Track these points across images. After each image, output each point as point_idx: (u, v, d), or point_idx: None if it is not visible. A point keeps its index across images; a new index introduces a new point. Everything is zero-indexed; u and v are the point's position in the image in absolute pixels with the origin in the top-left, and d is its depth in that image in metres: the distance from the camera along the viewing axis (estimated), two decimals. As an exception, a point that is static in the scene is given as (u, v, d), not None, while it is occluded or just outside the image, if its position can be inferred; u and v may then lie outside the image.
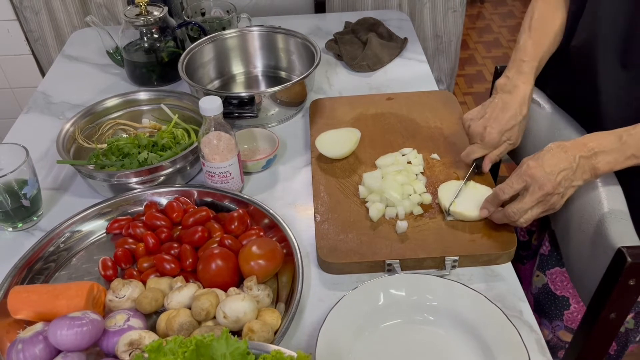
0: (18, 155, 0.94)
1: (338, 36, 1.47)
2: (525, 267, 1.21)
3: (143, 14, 1.28)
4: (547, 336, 1.06)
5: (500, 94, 0.95)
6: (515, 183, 0.83)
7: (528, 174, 0.81)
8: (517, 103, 0.93)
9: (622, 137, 0.78)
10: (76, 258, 0.92)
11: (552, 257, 1.02)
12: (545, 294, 1.04)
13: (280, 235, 0.89)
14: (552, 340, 1.06)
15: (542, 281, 1.05)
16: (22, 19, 1.90)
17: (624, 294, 0.77)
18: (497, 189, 0.87)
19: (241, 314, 0.74)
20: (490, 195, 0.89)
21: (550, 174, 0.79)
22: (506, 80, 0.96)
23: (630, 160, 0.78)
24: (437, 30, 1.98)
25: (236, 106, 1.10)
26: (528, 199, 0.82)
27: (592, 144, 0.79)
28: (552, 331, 1.05)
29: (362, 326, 0.78)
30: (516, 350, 0.72)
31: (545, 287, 1.04)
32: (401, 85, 1.33)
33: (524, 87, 0.93)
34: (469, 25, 3.51)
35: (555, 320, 1.03)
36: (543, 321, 1.06)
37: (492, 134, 0.93)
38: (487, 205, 0.89)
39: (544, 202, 0.82)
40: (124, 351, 0.70)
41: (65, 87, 1.38)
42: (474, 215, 0.90)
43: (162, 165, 0.99)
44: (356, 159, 1.06)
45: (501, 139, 0.95)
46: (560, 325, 1.03)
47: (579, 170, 0.80)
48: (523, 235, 1.20)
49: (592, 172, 0.80)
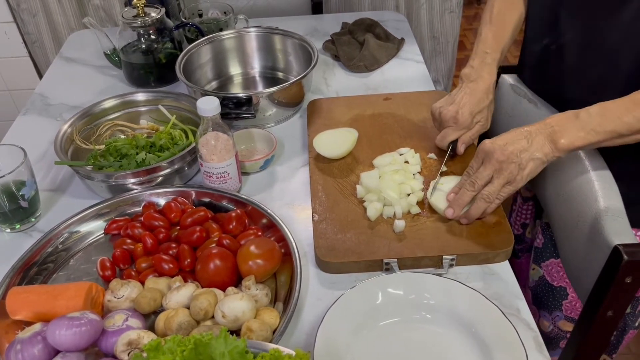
0: (16, 157, 0.94)
1: (335, 37, 1.47)
2: (520, 260, 1.22)
3: (140, 15, 1.28)
4: (547, 328, 1.08)
5: (467, 82, 1.01)
6: (474, 162, 0.89)
7: (482, 150, 0.87)
8: (482, 91, 0.99)
9: (580, 114, 0.82)
10: (74, 259, 0.92)
11: (547, 249, 1.04)
12: (543, 286, 1.06)
13: (278, 235, 0.89)
14: (552, 332, 1.08)
15: (538, 274, 1.06)
16: (19, 21, 1.90)
17: (621, 292, 0.77)
18: (463, 173, 0.91)
19: (240, 314, 0.74)
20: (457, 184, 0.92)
21: (501, 146, 0.84)
22: (471, 70, 1.02)
23: (591, 135, 0.80)
24: (434, 31, 1.99)
25: (234, 107, 1.10)
26: (483, 169, 0.87)
27: (550, 120, 0.84)
28: (552, 322, 1.07)
29: (360, 325, 0.78)
30: (514, 348, 0.72)
31: (542, 279, 1.05)
32: (398, 86, 1.33)
33: (488, 77, 1.00)
34: (466, 26, 3.51)
35: (555, 311, 1.05)
36: (542, 313, 1.08)
37: (464, 115, 0.99)
38: (453, 204, 0.90)
39: (501, 171, 0.85)
40: (122, 351, 0.70)
41: (63, 89, 1.38)
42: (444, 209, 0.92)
43: (160, 166, 0.99)
44: (354, 159, 1.06)
45: (473, 120, 1.00)
46: (559, 315, 1.05)
47: (535, 144, 0.83)
48: (517, 229, 1.21)
49: (552, 146, 0.83)
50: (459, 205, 0.89)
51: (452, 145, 1.03)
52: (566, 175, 0.91)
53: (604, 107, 0.81)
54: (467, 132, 1.02)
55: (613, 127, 0.79)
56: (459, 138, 1.02)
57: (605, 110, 0.80)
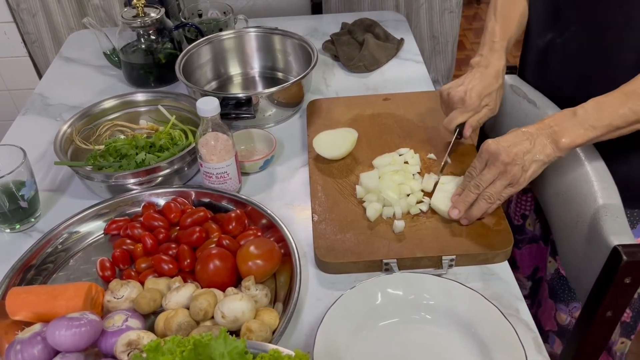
0: (16, 157, 0.94)
1: (335, 37, 1.47)
2: (521, 251, 1.22)
3: (140, 15, 1.28)
4: (564, 321, 1.09)
5: (477, 68, 1.01)
6: (477, 162, 0.88)
7: (486, 151, 0.86)
8: (492, 75, 0.99)
9: (577, 112, 0.82)
10: (74, 259, 0.92)
11: None
12: (558, 279, 1.06)
13: (278, 235, 0.89)
14: (570, 324, 1.08)
15: (554, 267, 1.07)
16: (19, 21, 1.90)
17: (620, 292, 0.77)
18: (466, 172, 0.91)
19: (239, 314, 0.74)
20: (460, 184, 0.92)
21: (506, 147, 0.84)
22: (480, 58, 1.02)
23: (590, 131, 0.81)
24: (433, 31, 1.99)
25: (233, 107, 1.10)
26: (487, 171, 0.86)
27: (549, 120, 0.84)
28: (569, 314, 1.07)
29: (360, 325, 0.78)
30: (513, 349, 0.72)
31: (557, 272, 1.06)
32: (398, 86, 1.33)
33: (497, 62, 1.00)
34: (465, 26, 3.51)
35: (572, 302, 1.06)
36: (559, 306, 1.08)
37: (473, 97, 0.98)
38: (458, 204, 0.90)
39: (505, 174, 0.85)
40: (122, 351, 0.70)
41: (63, 89, 1.38)
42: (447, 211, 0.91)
43: (160, 166, 0.99)
44: (353, 159, 1.06)
45: (481, 103, 0.99)
46: (577, 306, 1.06)
47: (538, 145, 0.83)
48: (517, 220, 1.21)
49: (554, 146, 0.83)
50: (464, 205, 0.89)
51: (459, 128, 1.02)
52: (565, 176, 0.91)
53: (599, 102, 0.81)
54: (475, 116, 1.00)
55: (610, 120, 0.80)
56: (466, 122, 1.01)
57: (600, 105, 0.81)
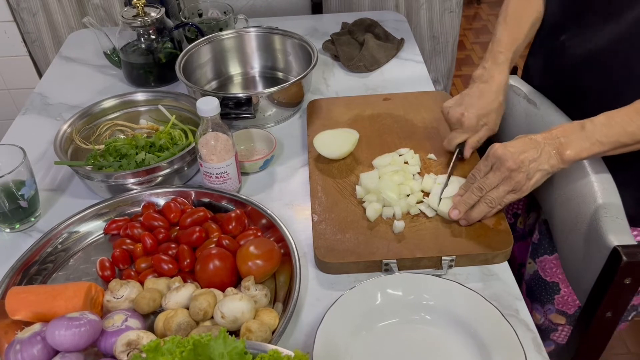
0: (15, 157, 0.94)
1: (335, 37, 1.47)
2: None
3: (140, 15, 1.28)
4: (538, 320, 1.10)
5: (478, 83, 1.00)
6: (482, 166, 0.88)
7: (493, 155, 0.86)
8: (493, 92, 0.98)
9: (585, 125, 0.82)
10: (74, 259, 0.92)
11: (542, 246, 1.05)
12: (537, 281, 1.07)
13: (277, 235, 0.89)
14: (543, 324, 1.10)
15: (533, 268, 1.08)
16: (19, 21, 1.90)
17: (620, 293, 0.77)
18: (469, 174, 0.90)
19: (239, 314, 0.74)
20: (463, 186, 0.92)
21: (513, 154, 0.83)
22: (483, 71, 1.01)
23: (596, 146, 0.81)
24: (433, 31, 1.99)
25: (233, 107, 1.10)
26: (492, 175, 0.86)
27: (556, 131, 0.84)
28: (544, 315, 1.09)
29: (360, 326, 0.78)
30: (512, 349, 0.72)
31: (536, 274, 1.07)
32: (398, 86, 1.33)
33: (500, 77, 0.99)
34: (465, 26, 3.51)
35: (547, 304, 1.07)
36: (535, 306, 1.10)
37: (470, 118, 0.98)
38: (459, 205, 0.90)
39: (509, 179, 0.85)
40: (121, 351, 0.70)
41: (63, 89, 1.38)
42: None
43: (160, 166, 0.99)
44: (353, 160, 1.06)
45: (479, 123, 0.99)
46: (551, 309, 1.06)
47: (544, 155, 0.83)
48: (509, 218, 1.21)
49: (559, 157, 0.83)
50: (465, 207, 0.89)
51: (460, 148, 1.02)
52: (566, 177, 0.91)
53: (609, 117, 0.81)
54: (474, 136, 1.00)
55: (617, 137, 0.80)
56: (466, 141, 1.01)
57: (610, 120, 0.80)
